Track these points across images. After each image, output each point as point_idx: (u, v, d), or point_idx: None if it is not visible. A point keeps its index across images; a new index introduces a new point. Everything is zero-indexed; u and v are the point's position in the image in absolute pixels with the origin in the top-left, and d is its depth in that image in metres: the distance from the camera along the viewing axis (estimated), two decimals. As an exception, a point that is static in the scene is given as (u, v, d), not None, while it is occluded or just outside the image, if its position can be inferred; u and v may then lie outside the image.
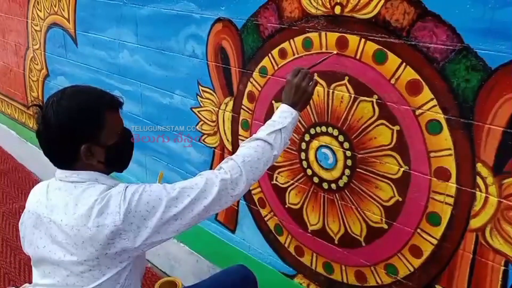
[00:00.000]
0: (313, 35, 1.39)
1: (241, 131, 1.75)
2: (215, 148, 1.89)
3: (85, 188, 1.13)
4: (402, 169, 1.29)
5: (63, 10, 2.53)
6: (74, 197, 1.12)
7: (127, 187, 1.12)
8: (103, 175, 1.18)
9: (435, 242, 1.27)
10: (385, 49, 1.24)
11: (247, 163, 1.20)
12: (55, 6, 2.60)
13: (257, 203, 1.79)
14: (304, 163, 1.55)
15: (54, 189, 1.17)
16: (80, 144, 1.12)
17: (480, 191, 1.14)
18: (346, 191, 1.45)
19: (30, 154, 3.38)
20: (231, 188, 1.18)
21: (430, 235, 1.27)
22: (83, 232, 1.08)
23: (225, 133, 1.82)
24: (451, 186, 1.19)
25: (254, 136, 1.26)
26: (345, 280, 1.54)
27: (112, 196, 1.09)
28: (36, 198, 1.21)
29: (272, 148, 1.24)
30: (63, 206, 1.12)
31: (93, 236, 1.07)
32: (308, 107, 1.47)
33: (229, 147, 1.82)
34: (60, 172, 1.18)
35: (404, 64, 1.21)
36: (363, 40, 1.28)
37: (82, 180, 1.14)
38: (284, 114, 1.27)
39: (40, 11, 2.77)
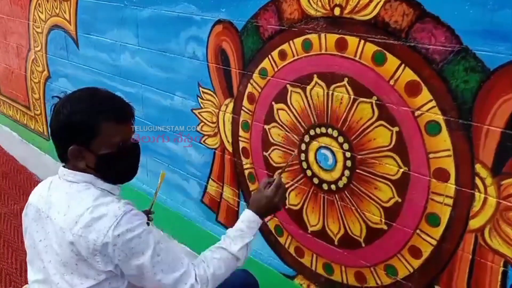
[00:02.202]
0: (313, 37, 1.40)
1: (241, 132, 1.76)
2: (215, 149, 1.89)
3: (80, 190, 1.14)
4: (401, 170, 1.29)
5: (65, 12, 2.54)
6: (67, 198, 1.15)
7: (124, 214, 1.10)
8: (99, 180, 1.17)
9: (434, 243, 1.27)
10: (384, 51, 1.24)
11: (216, 276, 1.24)
12: (56, 8, 2.61)
13: (257, 204, 1.79)
14: (304, 164, 1.56)
15: (55, 186, 1.21)
16: (70, 144, 1.13)
17: (479, 192, 1.15)
18: (345, 192, 1.46)
19: (31, 156, 3.39)
20: None
21: (429, 236, 1.27)
22: (67, 235, 1.11)
23: (225, 134, 1.83)
24: (450, 187, 1.20)
25: (226, 247, 1.27)
26: (345, 281, 1.54)
27: (106, 215, 1.09)
28: (39, 191, 1.25)
29: (238, 262, 1.29)
30: (58, 204, 1.16)
31: (74, 242, 1.10)
32: (308, 108, 1.48)
33: (230, 148, 1.83)
34: (61, 170, 1.21)
35: (403, 65, 1.21)
36: (362, 41, 1.28)
37: (77, 181, 1.16)
38: (252, 225, 1.31)
39: (42, 13, 2.78)
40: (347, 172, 1.43)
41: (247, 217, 1.31)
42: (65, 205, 1.13)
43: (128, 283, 1.19)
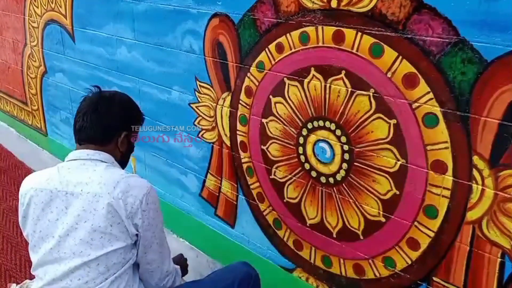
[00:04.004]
0: (310, 29, 1.39)
1: (239, 126, 1.76)
2: (213, 143, 1.89)
3: (107, 167, 1.29)
4: (399, 163, 1.29)
5: (60, 7, 2.53)
6: (97, 172, 1.25)
7: (151, 187, 1.29)
8: (116, 162, 1.36)
9: (432, 234, 1.27)
10: (381, 43, 1.24)
11: None
12: (52, 3, 2.59)
13: (255, 198, 1.79)
14: (302, 158, 1.56)
15: (67, 168, 1.28)
16: (122, 131, 1.35)
17: (477, 183, 1.15)
18: (343, 185, 1.46)
19: (29, 152, 3.39)
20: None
21: (427, 228, 1.28)
22: (105, 199, 1.20)
23: (223, 128, 1.83)
24: (448, 179, 1.20)
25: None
26: (343, 273, 1.55)
27: (140, 184, 1.26)
28: (44, 177, 1.28)
29: None
30: (86, 178, 1.24)
31: (113, 204, 1.20)
32: (305, 101, 1.48)
33: (227, 142, 1.83)
34: (79, 152, 1.31)
35: (400, 57, 1.21)
36: (359, 33, 1.27)
37: (103, 160, 1.30)
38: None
39: (37, 7, 2.76)
40: (345, 165, 1.43)
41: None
42: (97, 176, 1.24)
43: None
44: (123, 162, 1.43)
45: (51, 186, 1.25)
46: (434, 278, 1.30)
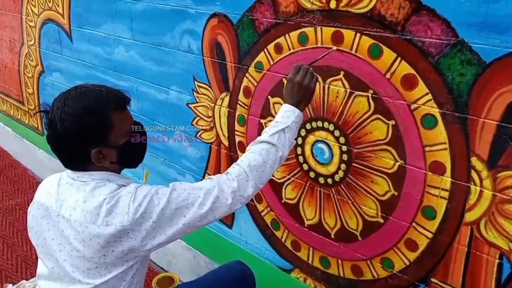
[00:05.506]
0: (309, 30, 1.39)
1: (237, 127, 1.75)
2: (211, 143, 1.89)
3: (95, 186, 1.13)
4: (397, 164, 1.29)
5: (58, 6, 2.51)
6: (84, 195, 1.13)
7: (137, 188, 1.13)
8: (115, 175, 1.19)
9: (430, 235, 1.27)
10: (380, 44, 1.24)
11: (253, 168, 1.19)
12: (49, 2, 2.58)
13: (253, 198, 1.79)
14: (300, 158, 1.56)
15: (65, 183, 1.18)
16: (90, 149, 1.12)
17: (475, 184, 1.15)
18: (342, 185, 1.46)
19: (26, 151, 3.37)
20: (240, 195, 1.18)
21: (425, 229, 1.28)
22: (91, 229, 1.10)
23: (221, 129, 1.82)
24: (446, 180, 1.20)
25: (258, 138, 1.25)
26: (341, 274, 1.55)
27: (121, 196, 1.11)
28: (46, 189, 1.22)
29: (277, 150, 1.21)
30: (74, 202, 1.14)
31: (101, 234, 1.09)
32: (304, 102, 1.47)
33: (226, 143, 1.82)
34: (72, 172, 1.18)
35: (399, 58, 1.21)
36: (358, 34, 1.27)
37: (92, 180, 1.15)
38: (287, 114, 1.24)
39: (35, 6, 2.75)
40: (343, 166, 1.43)
41: (282, 109, 1.26)
42: (82, 201, 1.12)
43: (135, 271, 1.18)
44: (133, 163, 1.25)
45: (47, 202, 1.19)
46: (432, 279, 1.30)
